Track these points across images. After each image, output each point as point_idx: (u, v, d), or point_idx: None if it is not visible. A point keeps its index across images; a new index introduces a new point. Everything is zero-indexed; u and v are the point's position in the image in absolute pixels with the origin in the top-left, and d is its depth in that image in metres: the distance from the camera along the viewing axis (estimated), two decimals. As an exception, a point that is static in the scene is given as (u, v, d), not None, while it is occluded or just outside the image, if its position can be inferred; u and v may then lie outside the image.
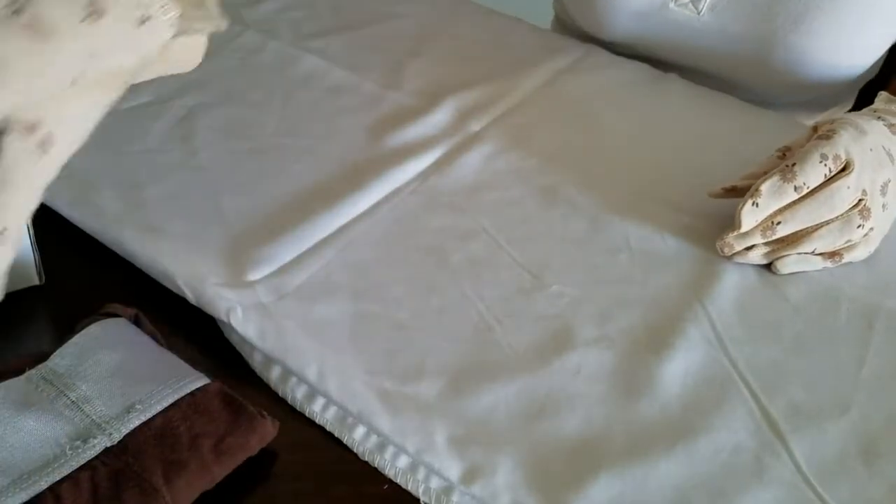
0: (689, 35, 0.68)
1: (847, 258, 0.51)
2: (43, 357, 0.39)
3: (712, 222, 0.55)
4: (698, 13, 0.67)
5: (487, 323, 0.47)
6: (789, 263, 0.50)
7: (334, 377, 0.42)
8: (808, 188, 0.49)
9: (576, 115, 0.64)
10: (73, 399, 0.37)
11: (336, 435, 0.41)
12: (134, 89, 0.62)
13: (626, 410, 0.42)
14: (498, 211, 0.55)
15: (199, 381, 0.39)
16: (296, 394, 0.43)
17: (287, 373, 0.43)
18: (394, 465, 0.40)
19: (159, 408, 0.38)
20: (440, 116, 0.63)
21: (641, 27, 0.70)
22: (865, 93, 0.87)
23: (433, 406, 0.42)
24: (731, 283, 0.50)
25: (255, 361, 0.44)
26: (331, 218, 0.52)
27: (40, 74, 0.28)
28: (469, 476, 0.39)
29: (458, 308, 0.47)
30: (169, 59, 0.34)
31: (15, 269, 0.46)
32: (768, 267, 0.51)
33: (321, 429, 0.42)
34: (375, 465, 0.40)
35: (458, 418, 0.41)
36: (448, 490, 0.39)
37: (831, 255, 0.51)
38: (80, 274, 0.49)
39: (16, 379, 0.38)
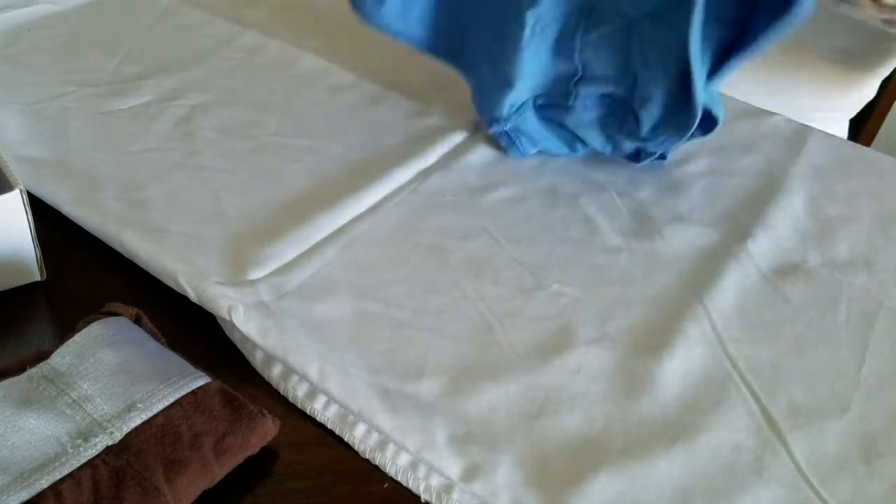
0: None
1: None
2: (44, 355, 0.39)
3: (713, 222, 0.55)
4: None
5: (488, 322, 0.47)
6: None
7: (335, 376, 0.42)
8: None
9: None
10: (75, 398, 0.37)
11: (337, 433, 0.41)
12: (134, 89, 0.63)
13: (626, 410, 0.43)
14: (498, 211, 0.55)
15: (200, 379, 0.39)
16: (297, 392, 0.43)
17: (288, 371, 0.43)
18: (394, 464, 0.40)
19: (160, 406, 0.37)
20: (441, 115, 0.63)
21: None
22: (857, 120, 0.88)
23: (434, 405, 0.42)
24: (731, 283, 0.50)
25: (256, 360, 0.44)
26: (332, 217, 0.52)
27: None
28: (469, 474, 0.39)
29: (458, 307, 0.47)
30: None
31: (16, 265, 0.46)
32: (768, 267, 0.52)
33: (322, 427, 0.42)
34: (376, 464, 0.40)
35: (459, 417, 0.41)
36: (448, 488, 0.39)
37: None
38: (82, 273, 0.49)
39: (17, 377, 0.38)
